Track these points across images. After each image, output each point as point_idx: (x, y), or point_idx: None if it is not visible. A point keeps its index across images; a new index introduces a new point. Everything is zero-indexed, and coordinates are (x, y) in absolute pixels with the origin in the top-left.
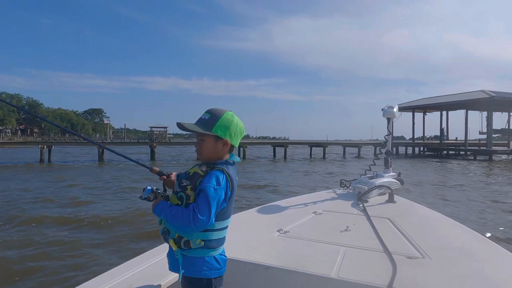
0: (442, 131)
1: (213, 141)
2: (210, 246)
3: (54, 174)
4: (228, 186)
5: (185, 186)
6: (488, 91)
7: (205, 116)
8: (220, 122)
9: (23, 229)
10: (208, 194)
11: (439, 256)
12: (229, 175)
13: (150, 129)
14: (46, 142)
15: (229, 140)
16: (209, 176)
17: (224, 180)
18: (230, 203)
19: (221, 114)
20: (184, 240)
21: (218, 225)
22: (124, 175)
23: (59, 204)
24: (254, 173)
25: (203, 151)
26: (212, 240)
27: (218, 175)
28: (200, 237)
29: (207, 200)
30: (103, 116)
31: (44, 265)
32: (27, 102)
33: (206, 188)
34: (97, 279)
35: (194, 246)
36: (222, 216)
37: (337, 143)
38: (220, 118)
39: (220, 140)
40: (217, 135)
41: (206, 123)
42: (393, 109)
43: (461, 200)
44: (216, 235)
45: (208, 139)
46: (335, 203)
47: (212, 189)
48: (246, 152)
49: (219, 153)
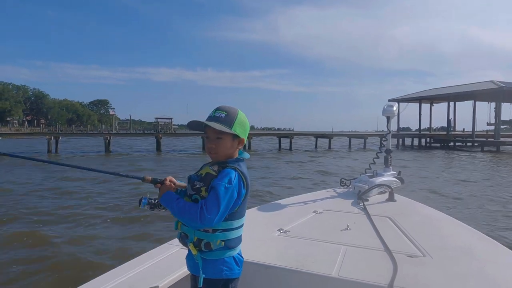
0: (449, 122)
1: (231, 140)
2: (230, 246)
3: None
4: (242, 184)
5: (199, 188)
6: (497, 82)
7: (220, 114)
8: (238, 120)
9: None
10: (218, 192)
11: (440, 254)
12: (243, 173)
13: (155, 120)
14: (53, 133)
15: (244, 138)
16: (222, 175)
17: (236, 179)
18: (246, 200)
19: (237, 113)
20: (205, 242)
21: (236, 224)
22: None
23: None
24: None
25: (220, 150)
26: (232, 240)
27: (230, 173)
28: (220, 238)
29: (216, 199)
30: (108, 107)
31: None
32: (34, 93)
33: (217, 186)
34: (97, 279)
35: (215, 247)
36: (239, 214)
37: (343, 134)
38: (237, 116)
39: (237, 139)
40: (236, 133)
41: (224, 122)
42: (392, 107)
43: (464, 198)
44: (235, 233)
45: (226, 138)
46: (336, 202)
47: (223, 187)
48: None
49: (234, 151)
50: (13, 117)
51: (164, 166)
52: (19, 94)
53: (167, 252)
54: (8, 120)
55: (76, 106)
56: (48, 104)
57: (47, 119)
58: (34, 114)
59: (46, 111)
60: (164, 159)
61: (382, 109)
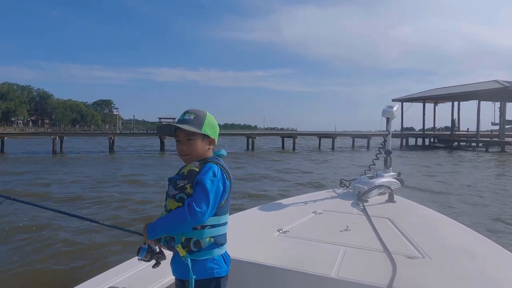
0: (453, 122)
1: (201, 141)
2: (219, 242)
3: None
4: (225, 176)
5: (184, 186)
6: (501, 81)
7: (189, 117)
8: (207, 122)
9: None
10: (205, 185)
11: (439, 256)
12: (223, 166)
13: (158, 120)
14: (57, 133)
15: (215, 138)
16: (204, 169)
17: (219, 172)
18: (229, 195)
19: (205, 114)
20: (194, 241)
21: (223, 219)
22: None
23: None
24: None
25: (192, 151)
26: (220, 236)
27: (213, 167)
28: (209, 234)
29: (204, 191)
30: (112, 107)
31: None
32: (38, 93)
33: (203, 180)
34: (95, 279)
35: (204, 245)
36: (225, 209)
37: (346, 134)
38: (205, 117)
39: (207, 139)
40: (206, 134)
41: (194, 123)
42: (392, 109)
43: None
44: (222, 229)
45: (197, 139)
46: (335, 202)
47: (209, 180)
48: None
49: (206, 152)
50: (18, 117)
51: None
52: (23, 94)
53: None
54: (13, 120)
55: (80, 106)
56: (52, 104)
57: (51, 119)
58: (39, 114)
59: (51, 111)
60: (168, 160)
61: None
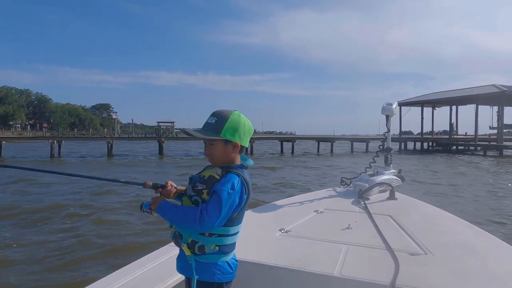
0: (451, 126)
1: (223, 145)
2: (224, 251)
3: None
4: (243, 190)
5: (201, 190)
6: (499, 85)
7: (211, 120)
8: (228, 125)
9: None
10: (221, 197)
11: (442, 252)
12: (245, 179)
13: (157, 124)
14: (55, 137)
15: (238, 142)
16: (225, 179)
17: (239, 185)
18: (245, 207)
19: (228, 116)
20: (199, 245)
21: (233, 230)
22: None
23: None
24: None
25: (214, 155)
26: (226, 245)
27: (233, 179)
28: (215, 242)
29: (218, 203)
30: (110, 111)
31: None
32: (36, 97)
33: (220, 192)
34: (102, 281)
35: (208, 251)
36: (237, 221)
37: (345, 138)
38: (227, 120)
39: (230, 143)
40: (226, 138)
41: (213, 127)
42: (391, 106)
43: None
44: (230, 240)
45: (217, 144)
46: (336, 201)
47: (226, 193)
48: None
49: (230, 156)
50: (16, 121)
51: (166, 171)
52: (22, 98)
53: (171, 253)
54: (11, 124)
55: (79, 110)
56: (50, 108)
57: (50, 123)
58: (37, 118)
59: (49, 115)
60: (166, 164)
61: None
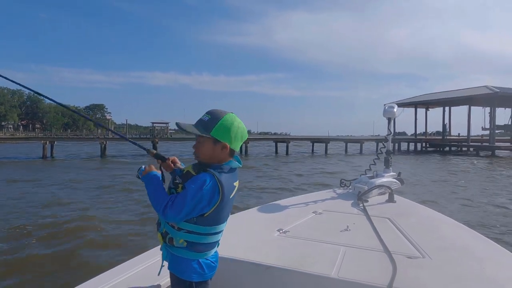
0: (444, 127)
1: (211, 144)
2: (195, 249)
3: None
4: (216, 190)
5: (177, 184)
6: (491, 87)
7: (205, 118)
8: (220, 125)
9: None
10: (187, 193)
11: (439, 256)
12: (219, 180)
13: (151, 124)
14: (48, 138)
15: (228, 143)
16: (197, 177)
17: (210, 184)
18: (220, 209)
19: (221, 116)
20: (169, 237)
21: (205, 230)
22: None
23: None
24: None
25: (200, 152)
26: (197, 244)
27: (205, 177)
28: (183, 237)
29: (183, 199)
30: (104, 112)
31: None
32: (29, 97)
33: (188, 188)
34: (96, 279)
35: (176, 244)
36: (211, 221)
37: (339, 139)
38: (220, 120)
39: (219, 143)
40: (215, 138)
41: (205, 125)
42: (393, 108)
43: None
44: (203, 239)
45: (206, 141)
46: (335, 202)
47: (194, 190)
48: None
49: (218, 156)
50: (8, 122)
51: None
52: (14, 99)
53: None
54: (3, 125)
55: None
56: (43, 108)
57: (43, 124)
58: (30, 118)
59: (42, 115)
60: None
61: (382, 110)
